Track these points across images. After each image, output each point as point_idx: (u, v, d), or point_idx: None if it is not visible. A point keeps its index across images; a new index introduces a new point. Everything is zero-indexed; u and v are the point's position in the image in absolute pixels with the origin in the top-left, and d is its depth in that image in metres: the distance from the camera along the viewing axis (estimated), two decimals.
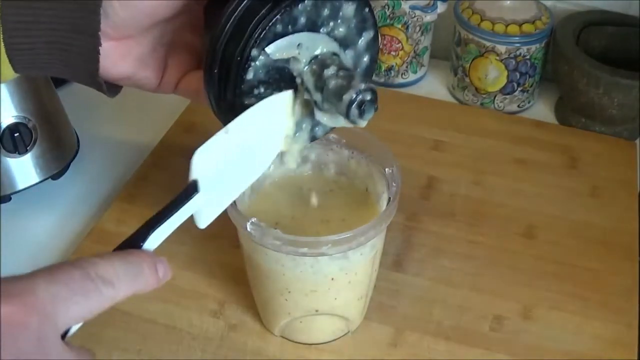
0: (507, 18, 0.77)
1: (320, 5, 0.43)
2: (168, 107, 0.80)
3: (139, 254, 0.37)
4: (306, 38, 0.43)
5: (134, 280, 0.35)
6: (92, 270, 0.34)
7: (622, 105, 0.74)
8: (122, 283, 0.34)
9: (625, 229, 0.66)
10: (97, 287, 0.33)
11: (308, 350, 0.56)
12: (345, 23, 0.44)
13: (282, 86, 0.44)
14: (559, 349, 0.56)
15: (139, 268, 0.36)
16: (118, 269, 0.35)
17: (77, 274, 0.33)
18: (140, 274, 0.36)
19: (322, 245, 0.47)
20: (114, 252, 0.36)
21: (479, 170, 0.72)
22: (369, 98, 0.42)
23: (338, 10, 0.43)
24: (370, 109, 0.43)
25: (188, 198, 0.39)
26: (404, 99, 0.83)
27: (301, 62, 0.43)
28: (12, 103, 0.65)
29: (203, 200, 0.40)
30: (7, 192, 0.67)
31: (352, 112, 0.42)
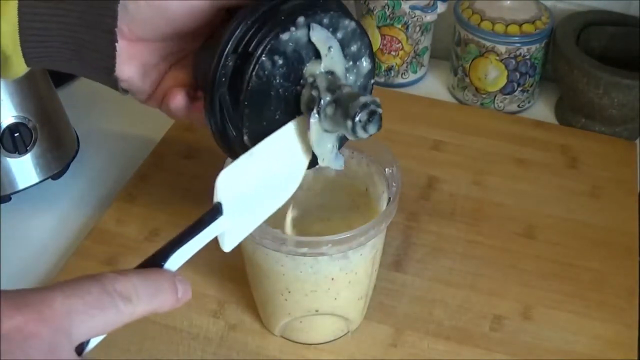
0: (507, 18, 0.77)
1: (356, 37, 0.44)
2: None
3: (159, 273, 0.37)
4: (337, 49, 0.43)
5: (152, 298, 0.35)
6: (111, 285, 0.33)
7: (622, 105, 0.74)
8: (140, 300, 0.34)
9: (625, 229, 0.66)
10: (115, 302, 0.33)
11: (308, 350, 0.56)
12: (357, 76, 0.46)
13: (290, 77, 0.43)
14: (559, 349, 0.56)
15: (158, 286, 0.36)
16: (137, 286, 0.34)
17: (95, 288, 0.33)
18: (159, 293, 0.36)
19: (322, 245, 0.47)
20: (135, 269, 0.36)
21: (479, 170, 0.72)
22: (380, 112, 0.42)
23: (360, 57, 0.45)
24: (377, 122, 0.42)
25: (211, 220, 0.39)
26: (404, 99, 0.83)
27: (322, 65, 0.43)
28: (12, 103, 0.65)
29: (228, 223, 0.40)
30: (7, 192, 0.67)
31: (362, 115, 0.41)
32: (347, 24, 0.43)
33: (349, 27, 0.43)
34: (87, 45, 0.42)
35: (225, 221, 0.40)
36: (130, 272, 0.35)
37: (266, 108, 0.43)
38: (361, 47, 0.45)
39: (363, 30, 0.45)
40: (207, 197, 0.66)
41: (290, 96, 0.43)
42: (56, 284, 0.33)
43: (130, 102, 0.62)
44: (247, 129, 0.42)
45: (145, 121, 0.79)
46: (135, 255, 0.63)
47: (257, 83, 0.41)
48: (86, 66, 0.44)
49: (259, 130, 0.43)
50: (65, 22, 0.41)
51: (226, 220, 0.40)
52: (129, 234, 0.65)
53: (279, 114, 0.44)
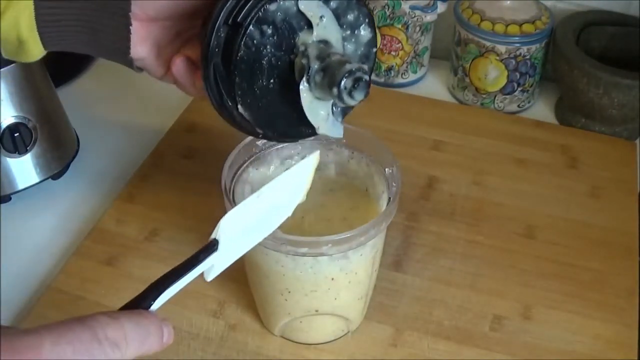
0: (507, 18, 0.77)
1: (352, 6, 0.44)
2: (168, 107, 0.80)
3: (148, 317, 0.36)
4: (330, 19, 0.43)
5: (141, 344, 0.35)
6: (102, 331, 0.33)
7: (622, 105, 0.74)
8: (129, 346, 0.34)
9: (625, 229, 0.66)
10: (104, 350, 0.33)
11: (308, 350, 0.56)
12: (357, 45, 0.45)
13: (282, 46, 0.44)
14: (559, 349, 0.56)
15: (147, 332, 0.35)
16: (127, 332, 0.34)
17: (85, 335, 0.32)
18: (147, 338, 0.35)
19: (322, 245, 0.47)
20: (125, 311, 0.36)
21: (479, 170, 0.72)
22: (367, 79, 0.42)
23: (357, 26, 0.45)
24: (364, 89, 0.42)
25: (206, 257, 0.39)
26: (404, 99, 0.83)
27: (313, 34, 0.43)
28: (12, 103, 0.65)
29: (217, 258, 0.40)
30: (7, 192, 0.67)
31: (347, 81, 0.41)
32: None
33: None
34: (102, 28, 0.44)
35: (216, 257, 0.40)
36: (122, 317, 0.35)
37: (258, 77, 0.43)
38: (359, 16, 0.45)
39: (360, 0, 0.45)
40: (207, 197, 0.66)
41: (285, 65, 0.44)
42: (45, 327, 0.32)
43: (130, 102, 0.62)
44: (240, 97, 0.43)
45: (146, 121, 0.80)
46: (135, 256, 0.63)
47: (246, 52, 0.42)
48: (102, 48, 0.45)
49: (252, 98, 0.44)
50: (81, 6, 0.43)
51: (217, 255, 0.40)
52: (129, 234, 0.65)
53: (274, 82, 0.44)
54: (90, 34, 0.44)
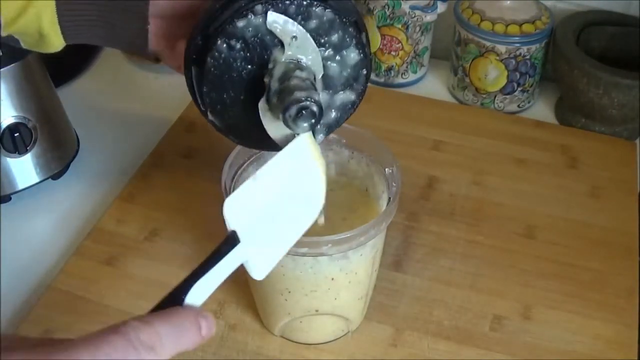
0: (507, 18, 0.77)
1: (336, 27, 0.43)
2: (168, 107, 0.80)
3: (182, 313, 0.36)
4: (305, 39, 0.43)
5: (176, 342, 0.35)
6: (135, 337, 0.33)
7: (622, 105, 0.74)
8: (164, 347, 0.34)
9: (625, 229, 0.66)
10: (140, 354, 0.33)
11: (308, 350, 0.56)
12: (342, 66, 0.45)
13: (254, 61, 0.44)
14: (559, 349, 0.56)
15: (182, 329, 0.35)
16: (161, 334, 0.34)
17: (120, 343, 0.33)
18: (183, 335, 0.35)
19: (322, 245, 0.47)
20: (156, 312, 0.36)
21: (479, 170, 0.72)
22: (314, 109, 0.41)
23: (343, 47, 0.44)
24: (307, 119, 0.41)
25: (229, 249, 0.38)
26: (404, 99, 0.83)
27: (284, 54, 0.43)
28: (12, 103, 0.65)
29: (250, 251, 0.39)
30: (7, 192, 0.67)
31: (291, 110, 0.41)
32: (320, 13, 0.43)
33: (325, 16, 0.43)
34: (121, 25, 0.46)
35: (245, 249, 0.39)
36: (154, 319, 0.35)
37: (228, 88, 0.44)
38: (344, 37, 0.44)
39: (348, 21, 0.44)
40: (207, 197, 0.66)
41: (257, 79, 0.44)
42: (81, 339, 0.32)
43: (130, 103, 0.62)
44: (209, 105, 0.45)
45: (145, 121, 0.79)
46: (135, 255, 0.63)
47: (214, 64, 0.43)
48: (120, 43, 0.48)
49: (221, 108, 0.45)
50: (100, 5, 0.45)
51: (247, 247, 0.39)
52: (129, 234, 0.65)
53: (245, 95, 0.45)
54: (109, 29, 0.47)
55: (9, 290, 0.61)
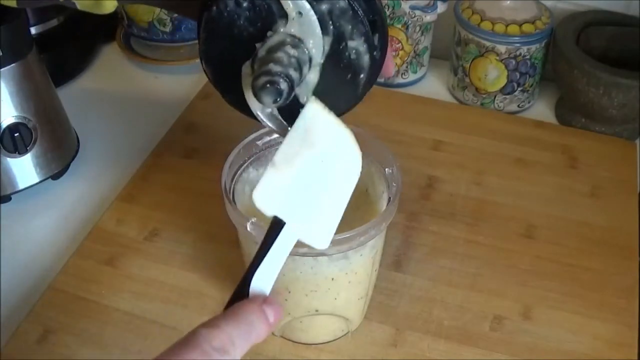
0: (507, 18, 0.77)
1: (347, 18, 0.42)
2: (168, 107, 0.80)
3: (247, 308, 0.37)
4: (310, 19, 0.42)
5: (248, 338, 0.36)
6: (208, 345, 0.34)
7: (622, 105, 0.74)
8: (237, 346, 0.35)
9: (625, 229, 0.66)
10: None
11: (308, 350, 0.56)
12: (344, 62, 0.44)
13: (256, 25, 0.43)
14: (559, 349, 0.56)
15: (250, 324, 0.36)
16: (232, 335, 0.35)
17: (194, 354, 0.33)
18: (252, 330, 0.36)
19: None
20: (222, 314, 0.37)
21: (479, 170, 0.72)
22: (280, 87, 0.40)
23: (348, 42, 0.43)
24: (272, 94, 0.40)
25: (277, 233, 0.39)
26: (404, 99, 0.83)
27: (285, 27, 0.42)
28: (12, 103, 0.65)
29: (301, 227, 0.40)
30: (7, 192, 0.67)
31: (259, 80, 0.40)
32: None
33: (338, 3, 0.42)
34: None
35: (295, 227, 0.40)
36: (222, 322, 0.35)
37: (224, 43, 0.43)
38: (353, 31, 0.43)
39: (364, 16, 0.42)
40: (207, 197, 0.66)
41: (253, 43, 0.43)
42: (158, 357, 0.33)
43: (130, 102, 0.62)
44: (204, 53, 0.44)
45: (145, 121, 0.80)
46: (135, 255, 0.63)
47: (217, 14, 0.42)
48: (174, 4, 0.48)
49: (216, 60, 0.44)
50: None
51: (296, 225, 0.40)
52: (129, 234, 0.65)
53: (240, 55, 0.44)
54: None
55: (9, 290, 0.61)
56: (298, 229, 0.40)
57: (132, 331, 0.57)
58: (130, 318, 0.58)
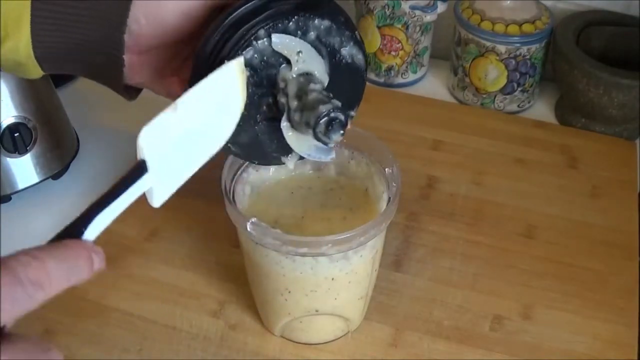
0: (507, 18, 0.77)
1: (333, 33, 0.44)
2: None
3: (76, 248, 0.35)
4: (309, 51, 0.44)
5: (66, 278, 0.34)
6: (23, 273, 0.32)
7: (622, 105, 0.74)
8: (52, 284, 0.33)
9: (625, 229, 0.66)
10: (27, 291, 0.32)
11: (308, 350, 0.56)
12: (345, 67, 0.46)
13: (264, 84, 0.45)
14: (559, 349, 0.56)
15: (74, 264, 0.35)
16: (50, 269, 0.33)
17: (6, 279, 0.31)
18: (74, 270, 0.35)
19: (322, 245, 0.47)
20: (49, 245, 0.35)
21: (479, 170, 0.72)
22: (341, 119, 0.42)
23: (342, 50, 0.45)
24: (338, 129, 0.43)
25: (135, 179, 0.38)
26: (404, 99, 0.83)
27: (293, 69, 0.44)
28: (12, 103, 0.65)
29: (154, 179, 0.39)
30: (7, 192, 0.67)
31: (321, 125, 0.42)
32: (317, 24, 0.44)
33: (322, 25, 0.44)
34: (96, 63, 0.45)
35: (151, 178, 0.38)
36: (44, 254, 0.34)
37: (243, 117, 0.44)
38: (342, 40, 0.45)
39: (343, 23, 0.45)
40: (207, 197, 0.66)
41: (269, 99, 0.45)
42: None
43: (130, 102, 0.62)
44: (230, 138, 0.44)
45: (146, 121, 0.79)
46: (135, 256, 0.63)
47: None
48: (97, 78, 0.48)
49: (242, 138, 0.46)
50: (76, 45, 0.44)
51: (152, 176, 0.38)
52: (129, 234, 0.65)
53: (260, 117, 0.46)
54: (85, 67, 0.46)
55: None
56: (151, 182, 0.39)
57: (132, 331, 0.57)
58: (130, 318, 0.58)
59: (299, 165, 0.56)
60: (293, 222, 0.53)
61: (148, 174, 0.38)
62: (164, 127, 0.39)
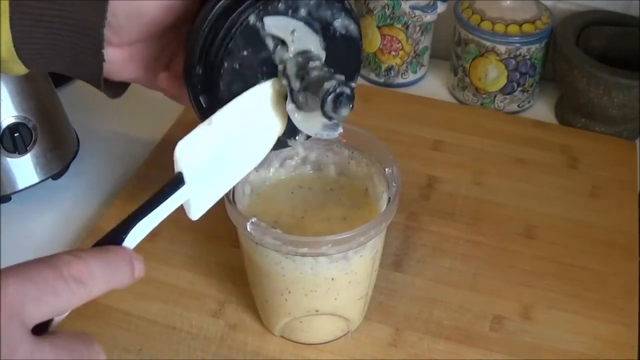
0: (507, 18, 0.77)
1: (323, 6, 0.43)
2: (168, 107, 0.79)
3: (117, 252, 0.36)
4: (302, 29, 0.43)
5: (108, 279, 0.35)
6: (66, 270, 0.33)
7: (622, 105, 0.74)
8: (95, 283, 0.34)
9: (625, 229, 0.66)
10: (69, 287, 0.33)
11: (308, 350, 0.56)
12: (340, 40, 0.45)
13: (263, 70, 0.44)
14: (559, 349, 0.56)
15: (115, 267, 0.35)
16: (93, 269, 0.34)
17: (50, 273, 0.32)
18: (116, 273, 0.35)
19: (322, 245, 0.47)
20: (91, 248, 0.36)
21: (479, 170, 0.72)
22: (348, 92, 0.42)
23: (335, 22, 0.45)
24: (347, 104, 0.42)
25: (173, 190, 0.39)
26: (404, 99, 0.83)
27: (289, 50, 0.43)
28: (12, 103, 0.65)
29: (192, 192, 0.39)
30: (7, 192, 0.67)
31: (328, 103, 0.41)
32: (307, 1, 0.43)
33: (311, 1, 0.43)
34: (78, 62, 0.45)
35: (188, 190, 0.39)
36: (87, 254, 0.34)
37: None
38: (333, 12, 0.44)
39: None
40: None
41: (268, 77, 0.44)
42: (10, 267, 0.33)
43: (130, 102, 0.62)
44: None
45: (145, 121, 0.79)
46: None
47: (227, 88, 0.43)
48: (79, 75, 0.47)
49: None
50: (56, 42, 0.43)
51: (189, 189, 0.39)
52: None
53: None
54: (68, 63, 0.45)
55: None
56: (189, 194, 0.40)
57: (132, 331, 0.57)
58: (130, 318, 0.58)
59: (299, 165, 0.56)
60: (293, 222, 0.53)
61: (185, 186, 0.39)
62: (199, 141, 0.40)
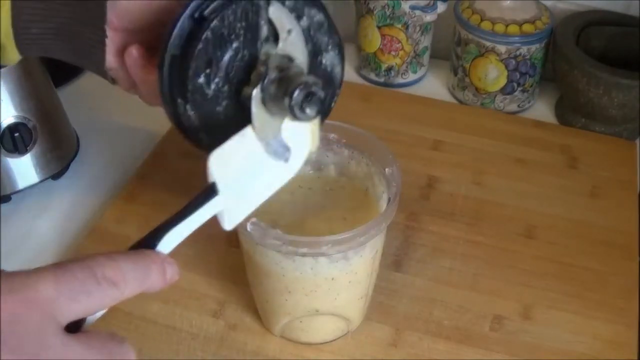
0: (507, 18, 0.77)
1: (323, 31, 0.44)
2: None
3: (149, 256, 0.37)
4: (298, 35, 0.43)
5: (140, 282, 0.35)
6: (100, 271, 0.34)
7: (622, 105, 0.74)
8: (127, 285, 0.35)
9: (625, 229, 0.66)
10: (102, 287, 0.34)
11: (308, 350, 0.56)
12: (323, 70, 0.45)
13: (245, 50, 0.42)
14: (559, 349, 0.56)
15: (147, 270, 0.36)
16: (125, 271, 0.35)
17: (82, 274, 0.33)
18: (147, 277, 0.36)
19: (322, 245, 0.47)
20: (125, 251, 0.37)
21: (479, 170, 0.72)
22: (321, 95, 0.40)
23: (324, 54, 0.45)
24: (316, 104, 0.40)
25: (206, 200, 0.39)
26: (404, 99, 0.83)
27: (278, 47, 0.42)
28: (12, 103, 0.65)
29: (226, 202, 0.40)
30: (7, 192, 0.67)
31: (299, 94, 0.40)
32: (313, 14, 0.43)
33: (316, 17, 0.43)
34: (78, 40, 0.44)
35: (222, 200, 0.40)
36: (120, 257, 0.35)
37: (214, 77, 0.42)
38: (329, 43, 0.44)
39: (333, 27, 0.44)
40: None
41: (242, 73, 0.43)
42: (43, 267, 0.34)
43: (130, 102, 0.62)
44: (191, 93, 0.42)
45: (145, 121, 0.79)
46: None
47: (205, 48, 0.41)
48: (77, 56, 0.46)
49: (202, 99, 0.43)
50: (57, 19, 0.43)
51: (223, 199, 0.40)
52: (129, 234, 0.64)
53: (228, 88, 0.43)
54: (67, 43, 0.45)
55: None
56: (223, 205, 0.40)
57: (132, 331, 0.57)
58: (130, 318, 0.58)
59: None
60: (293, 222, 0.53)
61: (218, 196, 0.39)
62: (233, 152, 0.40)
